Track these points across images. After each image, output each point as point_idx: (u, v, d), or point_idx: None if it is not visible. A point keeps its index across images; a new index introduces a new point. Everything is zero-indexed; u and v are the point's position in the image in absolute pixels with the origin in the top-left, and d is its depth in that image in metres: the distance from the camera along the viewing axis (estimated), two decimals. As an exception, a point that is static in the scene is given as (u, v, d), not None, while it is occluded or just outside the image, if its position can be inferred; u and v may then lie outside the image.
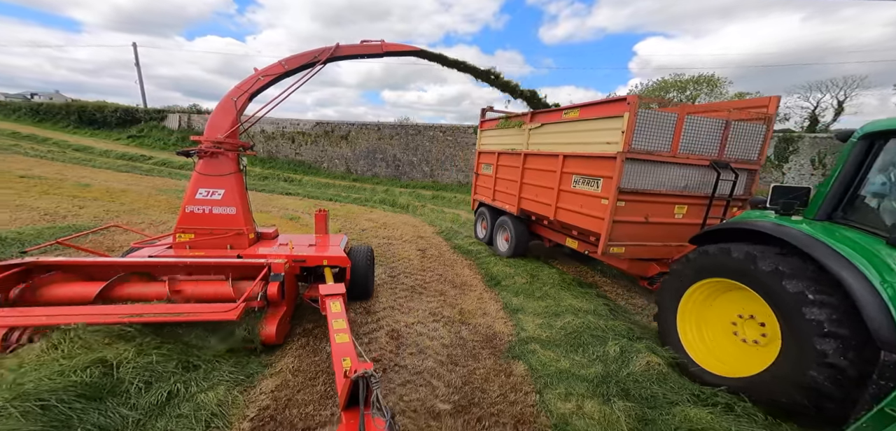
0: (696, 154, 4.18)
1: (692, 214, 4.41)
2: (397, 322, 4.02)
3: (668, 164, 4.12)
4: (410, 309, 4.39)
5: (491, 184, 6.94)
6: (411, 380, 3.02)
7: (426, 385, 2.98)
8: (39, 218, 6.09)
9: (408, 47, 5.01)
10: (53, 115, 20.93)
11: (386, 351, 3.43)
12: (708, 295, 3.18)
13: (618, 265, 4.79)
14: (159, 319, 2.80)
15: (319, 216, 4.83)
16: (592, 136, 4.40)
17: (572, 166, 4.76)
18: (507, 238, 6.46)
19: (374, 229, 8.42)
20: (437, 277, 5.52)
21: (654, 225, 4.32)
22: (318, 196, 12.77)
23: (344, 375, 1.98)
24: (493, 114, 7.12)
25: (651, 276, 4.62)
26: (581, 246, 4.96)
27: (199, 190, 4.00)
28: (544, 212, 5.36)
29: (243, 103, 4.23)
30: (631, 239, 4.31)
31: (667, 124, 4.00)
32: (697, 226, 4.33)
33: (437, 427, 2.54)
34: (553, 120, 5.19)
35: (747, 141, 4.29)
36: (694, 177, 4.28)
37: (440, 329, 3.95)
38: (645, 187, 4.13)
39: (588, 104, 4.59)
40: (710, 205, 4.33)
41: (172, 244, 4.03)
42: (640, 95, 4.12)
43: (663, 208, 4.29)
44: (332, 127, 21.06)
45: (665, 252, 4.51)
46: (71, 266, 3.28)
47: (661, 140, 4.02)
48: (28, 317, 2.74)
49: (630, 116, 3.82)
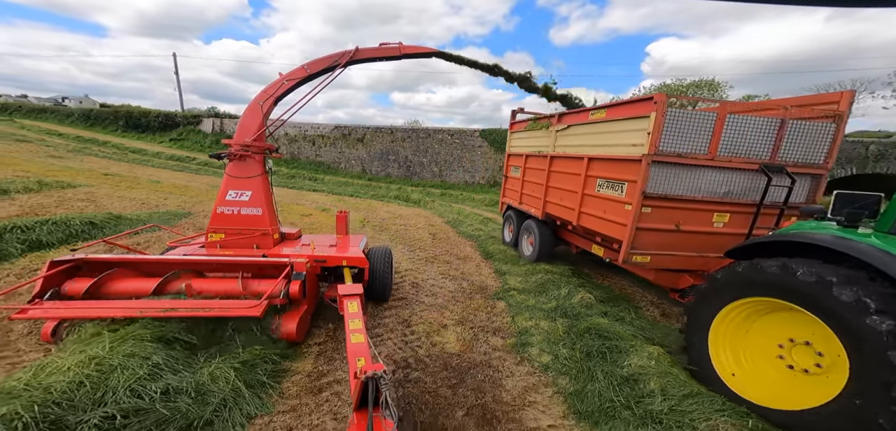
0: (742, 157, 3.84)
1: (735, 223, 4.05)
2: (416, 278, 5.59)
3: (705, 168, 3.84)
4: (425, 270, 5.96)
5: (519, 187, 6.88)
6: (427, 309, 4.57)
7: (438, 312, 4.52)
8: (139, 205, 7.81)
9: (425, 49, 5.06)
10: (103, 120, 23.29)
11: (409, 294, 5.00)
12: (749, 314, 2.80)
13: (643, 274, 4.51)
14: (190, 314, 2.95)
15: (340, 217, 4.94)
16: (618, 138, 4.21)
17: (597, 169, 4.60)
18: (532, 242, 6.35)
19: (392, 219, 10.03)
20: (445, 252, 7.09)
21: (688, 233, 4.04)
22: (340, 192, 14.48)
23: (355, 375, 1.98)
24: (524, 115, 7.01)
25: (682, 288, 4.33)
26: (606, 253, 4.69)
27: (228, 191, 4.14)
28: (568, 217, 5.25)
29: (269, 107, 4.35)
30: (658, 247, 4.06)
31: (704, 125, 3.70)
32: (741, 237, 4.01)
33: (445, 332, 4.08)
34: (579, 121, 5.05)
35: (810, 142, 3.88)
36: (739, 183, 3.94)
37: (447, 282, 5.51)
38: (676, 193, 3.88)
39: (614, 104, 4.43)
40: (758, 214, 3.97)
41: (205, 243, 4.21)
42: (670, 93, 3.85)
43: (699, 216, 3.99)
44: (349, 130, 22.83)
45: (701, 263, 4.18)
46: (120, 263, 3.48)
47: (696, 141, 3.74)
48: (75, 310, 2.90)
49: (657, 116, 3.57)
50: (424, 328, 4.07)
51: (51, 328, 2.96)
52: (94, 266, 3.38)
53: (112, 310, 2.87)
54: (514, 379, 3.25)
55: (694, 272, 4.26)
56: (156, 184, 10.69)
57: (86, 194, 7.84)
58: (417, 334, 3.94)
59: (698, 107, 4.25)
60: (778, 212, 4.02)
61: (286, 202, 10.80)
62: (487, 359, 3.54)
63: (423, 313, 4.44)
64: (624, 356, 3.27)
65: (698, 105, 4.39)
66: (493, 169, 20.68)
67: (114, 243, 4.32)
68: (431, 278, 5.64)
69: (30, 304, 2.92)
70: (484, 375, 3.28)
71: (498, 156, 20.55)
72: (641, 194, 3.81)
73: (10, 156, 11.29)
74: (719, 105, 3.92)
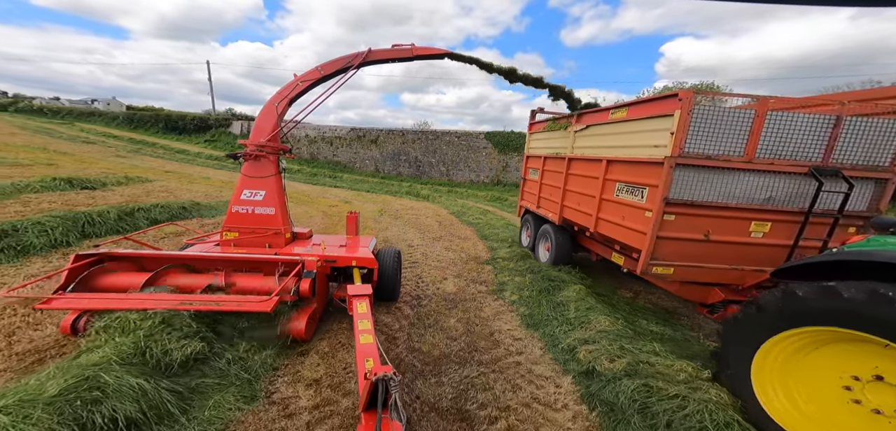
0: (787, 159, 3.45)
1: (778, 233, 3.66)
2: (425, 251, 7.29)
3: (741, 172, 3.48)
4: (433, 246, 7.66)
5: (536, 190, 6.69)
6: (433, 269, 6.25)
7: (440, 271, 6.20)
8: (204, 196, 9.73)
9: (436, 50, 5.11)
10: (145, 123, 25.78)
11: (420, 260, 6.69)
12: (804, 344, 2.39)
13: (666, 287, 4.19)
14: (202, 308, 2.98)
15: (350, 218, 5.00)
16: (639, 139, 3.95)
17: (616, 173, 4.35)
18: (548, 248, 6.17)
19: (405, 210, 11.78)
20: (448, 234, 8.80)
21: (720, 244, 3.69)
22: (358, 188, 16.34)
23: (365, 376, 1.98)
24: (543, 115, 6.82)
25: (712, 303, 3.97)
26: (625, 262, 4.39)
27: (243, 191, 4.22)
28: (585, 223, 5.01)
29: (284, 108, 4.41)
30: (683, 258, 3.74)
31: (739, 123, 3.36)
32: (784, 249, 3.66)
33: (445, 282, 5.74)
34: (598, 121, 4.80)
35: (873, 141, 3.42)
36: (783, 188, 3.54)
37: (449, 253, 7.20)
38: (706, 199, 3.55)
39: (636, 102, 4.15)
40: (805, 224, 3.55)
41: (220, 241, 4.31)
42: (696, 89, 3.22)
43: (733, 224, 3.64)
44: (363, 132, 24.72)
45: (735, 277, 3.80)
46: (136, 257, 3.53)
47: (730, 142, 3.41)
48: (92, 301, 2.96)
49: (681, 115, 3.28)
50: (431, 279, 5.78)
51: (70, 321, 2.95)
52: (120, 260, 3.47)
53: (130, 302, 2.95)
54: (490, 308, 4.91)
55: (726, 286, 3.87)
56: (207, 180, 12.67)
57: (162, 187, 9.78)
58: (426, 282, 5.65)
59: (731, 104, 3.78)
60: (831, 221, 3.54)
61: (314, 195, 12.66)
62: (473, 296, 5.22)
63: (430, 271, 6.15)
64: (560, 292, 4.92)
65: (732, 101, 4.18)
66: (496, 168, 22.30)
67: (136, 240, 4.47)
68: (437, 251, 7.36)
69: (54, 295, 2.99)
70: (470, 304, 4.96)
71: (501, 157, 22.17)
72: (663, 200, 3.49)
73: (87, 156, 13.41)
74: (758, 101, 3.45)
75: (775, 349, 2.46)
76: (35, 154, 11.37)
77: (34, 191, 7.20)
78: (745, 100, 4.16)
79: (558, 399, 3.06)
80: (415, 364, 3.45)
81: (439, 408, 2.89)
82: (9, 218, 5.35)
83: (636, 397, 2.77)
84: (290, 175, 18.77)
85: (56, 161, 10.69)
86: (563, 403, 3.02)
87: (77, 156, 13.33)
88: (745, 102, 4.24)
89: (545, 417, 2.85)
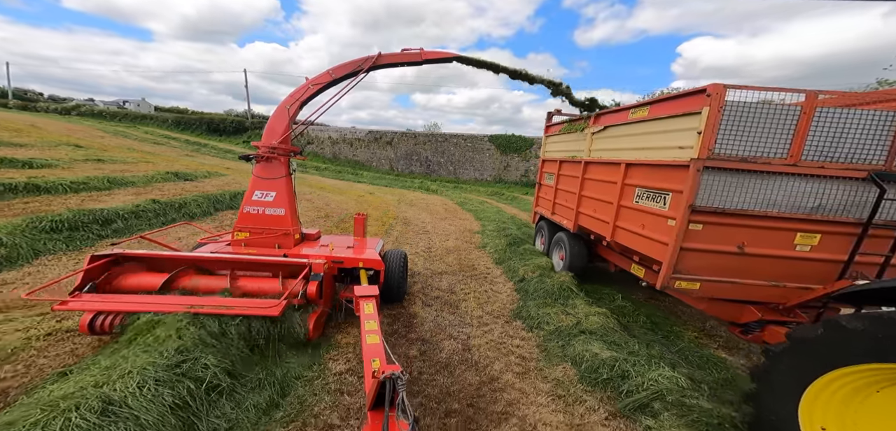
0: (840, 162, 3.10)
1: (829, 247, 3.27)
2: (434, 227, 10.06)
3: (784, 176, 3.15)
4: (439, 224, 10.43)
5: (551, 195, 6.50)
6: (439, 238, 8.99)
7: (444, 237, 8.95)
8: (264, 187, 12.71)
9: (446, 54, 5.16)
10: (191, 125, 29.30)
11: (430, 231, 9.45)
12: (871, 381, 2.01)
13: (693, 304, 3.81)
14: (212, 311, 3.02)
15: (359, 219, 5.04)
16: (662, 140, 3.70)
17: (636, 177, 4.11)
18: (563, 257, 5.98)
19: (418, 200, 14.57)
20: (452, 215, 11.58)
21: (757, 258, 3.35)
22: (378, 183, 19.25)
23: (372, 375, 2.01)
24: (560, 117, 6.71)
25: (746, 323, 3.63)
26: (646, 274, 4.17)
27: (255, 192, 4.26)
28: (601, 231, 4.78)
29: (296, 110, 4.47)
30: (712, 272, 3.43)
31: (781, 121, 3.05)
32: (837, 265, 3.26)
33: (447, 244, 8.47)
34: (617, 121, 4.59)
35: None
36: (835, 195, 3.15)
37: (451, 227, 9.96)
38: (740, 206, 3.22)
39: (659, 100, 3.88)
40: (863, 236, 3.15)
41: (231, 241, 4.34)
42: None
43: (774, 236, 3.29)
44: (379, 135, 27.65)
45: (776, 295, 3.44)
46: (147, 258, 3.60)
47: (771, 142, 3.10)
48: (105, 303, 3.06)
49: (711, 112, 3.00)
50: (438, 240, 8.55)
51: (87, 320, 3.02)
52: (136, 261, 3.52)
53: (141, 305, 3.01)
54: (475, 254, 7.64)
55: (763, 304, 3.53)
56: (260, 174, 15.74)
57: (232, 179, 12.76)
58: (434, 242, 8.41)
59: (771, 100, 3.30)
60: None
61: (344, 188, 15.55)
62: (465, 248, 7.98)
63: (437, 236, 8.91)
64: (523, 246, 7.60)
65: (774, 96, 3.16)
66: (498, 168, 24.96)
67: (150, 239, 4.55)
68: (443, 225, 10.13)
69: (71, 296, 3.06)
70: (462, 253, 7.68)
71: (502, 158, 24.82)
72: (688, 207, 3.23)
73: (164, 155, 16.58)
74: (806, 96, 3.09)
75: (836, 383, 2.09)
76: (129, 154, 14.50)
77: (158, 181, 10.20)
78: (789, 97, 3.36)
79: (503, 290, 5.75)
80: (429, 275, 6.19)
81: (440, 287, 5.63)
82: (166, 197, 8.31)
83: (537, 286, 5.44)
84: (319, 172, 21.81)
85: (149, 159, 13.78)
86: (505, 291, 5.72)
87: (160, 154, 16.50)
88: (786, 99, 3.47)
89: (493, 294, 5.56)
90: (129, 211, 6.66)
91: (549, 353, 3.85)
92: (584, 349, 3.64)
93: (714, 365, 3.88)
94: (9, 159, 9.14)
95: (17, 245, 4.59)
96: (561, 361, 3.68)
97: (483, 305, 5.09)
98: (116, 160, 12.48)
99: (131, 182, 9.28)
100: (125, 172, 10.15)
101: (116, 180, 8.96)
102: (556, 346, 3.93)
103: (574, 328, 4.08)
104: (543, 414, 2.95)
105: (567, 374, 3.47)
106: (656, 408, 2.86)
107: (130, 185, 9.06)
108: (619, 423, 2.88)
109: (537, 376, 3.49)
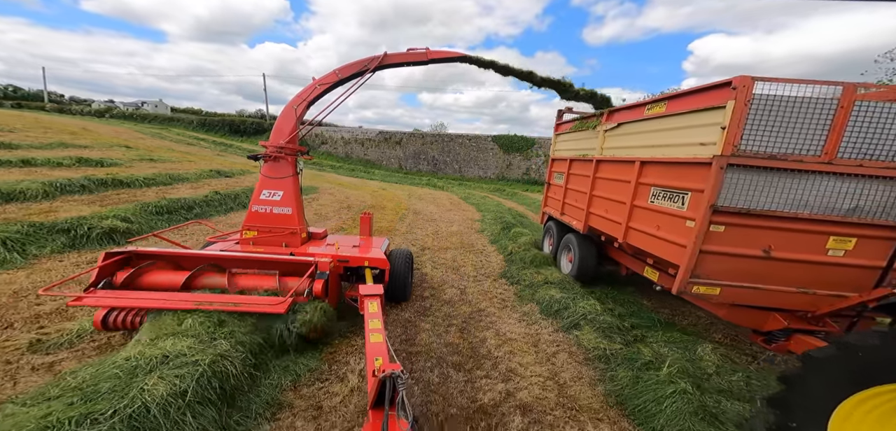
0: (881, 160, 2.88)
1: (865, 251, 3.05)
2: (440, 215, 11.66)
3: (817, 175, 2.94)
4: (445, 214, 12.02)
5: (560, 195, 6.39)
6: (445, 224, 10.57)
7: (449, 224, 10.54)
8: (291, 183, 14.45)
9: (452, 53, 5.20)
10: (215, 126, 31.33)
11: (436, 219, 11.04)
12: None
13: (712, 310, 3.64)
14: (220, 308, 3.09)
15: (364, 218, 5.09)
16: (681, 136, 3.49)
17: (651, 176, 3.92)
18: (571, 259, 5.88)
19: (426, 195, 16.19)
20: (457, 207, 13.18)
21: (784, 262, 3.15)
22: (388, 180, 20.91)
23: (373, 374, 2.04)
24: (571, 115, 6.63)
25: (769, 331, 3.43)
26: (660, 278, 4.00)
27: (263, 191, 4.39)
28: (613, 232, 4.65)
29: (303, 110, 4.55)
30: (734, 277, 3.23)
31: (815, 115, 2.84)
32: (875, 272, 3.06)
33: (451, 228, 10.05)
34: (632, 118, 4.45)
35: None
36: (874, 196, 2.94)
37: (455, 217, 11.56)
38: (767, 207, 3.03)
39: (678, 95, 3.67)
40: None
41: (239, 240, 4.45)
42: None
43: (804, 239, 3.07)
44: (389, 135, 29.31)
45: (805, 302, 3.22)
46: (162, 256, 3.71)
47: (802, 138, 2.90)
48: (118, 299, 3.12)
49: (736, 106, 2.83)
50: (443, 228, 10.14)
51: (101, 316, 3.11)
52: (148, 259, 3.61)
53: (152, 302, 3.12)
54: (474, 236, 9.21)
55: (790, 311, 3.36)
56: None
57: (263, 176, 14.55)
58: (440, 230, 10.00)
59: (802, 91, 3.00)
60: None
61: (359, 185, 17.24)
62: (466, 232, 9.56)
63: (442, 225, 10.50)
64: (512, 230, 9.14)
65: (805, 88, 2.84)
66: (501, 166, 26.45)
67: (161, 237, 4.67)
68: (448, 215, 11.74)
69: (86, 293, 3.16)
70: (464, 236, 9.25)
71: (505, 157, 26.31)
72: (710, 207, 3.04)
73: (200, 155, 18.45)
74: (844, 89, 2.81)
75: (870, 402, 1.94)
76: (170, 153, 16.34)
77: (205, 177, 11.95)
78: (824, 90, 3.09)
79: (494, 260, 7.31)
80: (436, 249, 7.78)
81: (445, 258, 7.21)
82: (217, 189, 10.02)
83: (521, 256, 6.96)
84: (334, 169, 23.55)
85: (190, 158, 15.61)
86: (496, 261, 7.28)
87: (196, 154, 18.35)
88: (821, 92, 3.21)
89: (486, 262, 7.12)
90: (201, 199, 8.37)
91: (522, 298, 5.39)
92: (545, 294, 5.17)
93: (627, 301, 5.41)
94: (84, 159, 10.94)
95: (140, 223, 6.31)
96: (529, 301, 5.22)
97: (477, 269, 6.66)
98: (164, 159, 14.28)
99: (185, 178, 11.03)
100: (176, 169, 11.92)
101: (174, 176, 10.71)
102: (528, 293, 5.47)
103: (542, 283, 5.61)
104: (512, 328, 4.49)
105: (532, 309, 5.01)
106: (581, 324, 4.39)
107: (186, 181, 10.80)
108: (559, 335, 4.40)
109: (511, 310, 5.04)
